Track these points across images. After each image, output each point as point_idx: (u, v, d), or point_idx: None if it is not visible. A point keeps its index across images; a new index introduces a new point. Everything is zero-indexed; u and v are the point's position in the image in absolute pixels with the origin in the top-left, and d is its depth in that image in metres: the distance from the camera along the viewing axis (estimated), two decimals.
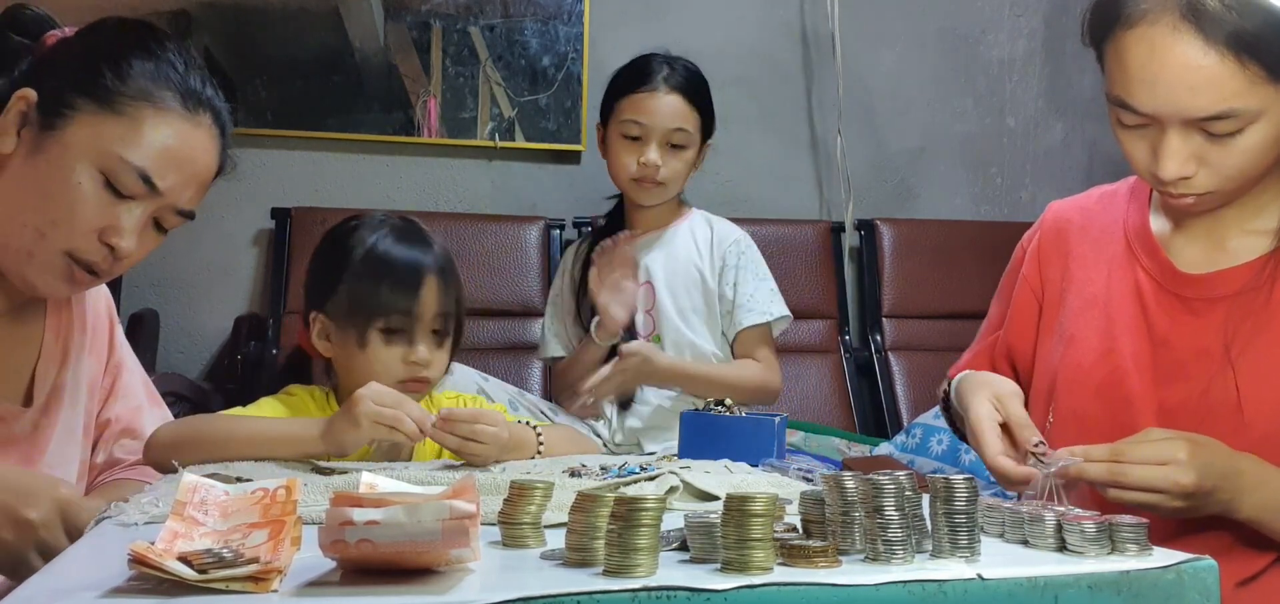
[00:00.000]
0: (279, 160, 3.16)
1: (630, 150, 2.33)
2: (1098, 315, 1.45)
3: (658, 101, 2.33)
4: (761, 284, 2.39)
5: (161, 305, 3.06)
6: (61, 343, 1.45)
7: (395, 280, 1.62)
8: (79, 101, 1.30)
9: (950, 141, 3.55)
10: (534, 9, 3.24)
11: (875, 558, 0.88)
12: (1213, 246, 1.39)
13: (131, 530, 1.02)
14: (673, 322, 2.36)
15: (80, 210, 1.30)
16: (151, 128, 1.32)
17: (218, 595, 0.78)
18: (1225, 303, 1.35)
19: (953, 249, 3.31)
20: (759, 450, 1.54)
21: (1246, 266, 1.36)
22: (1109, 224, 1.50)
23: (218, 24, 3.08)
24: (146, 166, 1.31)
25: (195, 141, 1.36)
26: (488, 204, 3.24)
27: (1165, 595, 0.87)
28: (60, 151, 1.30)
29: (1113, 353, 1.41)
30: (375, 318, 1.61)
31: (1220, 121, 1.24)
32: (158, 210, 1.35)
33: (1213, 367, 1.34)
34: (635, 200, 2.39)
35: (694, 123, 2.36)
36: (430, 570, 0.83)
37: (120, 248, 1.32)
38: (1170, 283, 1.40)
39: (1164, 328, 1.39)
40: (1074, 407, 1.44)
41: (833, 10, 3.39)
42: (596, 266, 2.26)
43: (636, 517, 0.83)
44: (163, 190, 1.33)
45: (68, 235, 1.31)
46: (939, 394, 1.61)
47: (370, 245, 1.64)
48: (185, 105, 1.34)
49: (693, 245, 2.41)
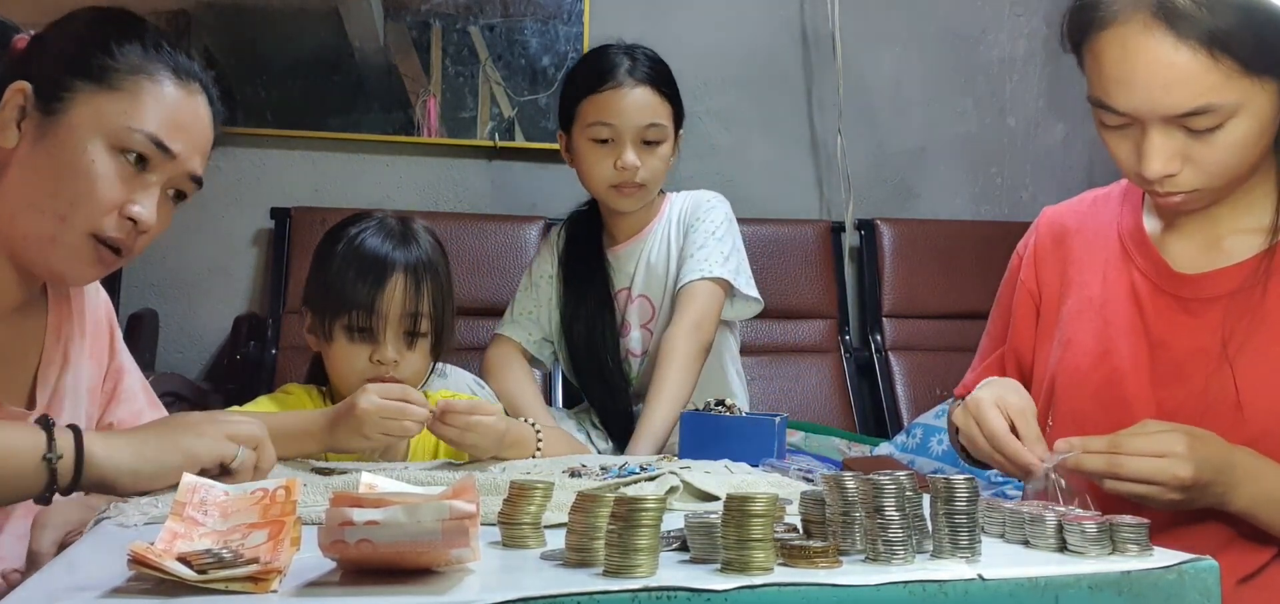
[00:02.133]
0: (279, 160, 3.16)
1: (603, 155, 2.11)
2: (1094, 318, 1.45)
3: (625, 98, 2.10)
4: (711, 240, 2.13)
5: (161, 305, 3.05)
6: (62, 346, 1.45)
7: (357, 279, 1.60)
8: (76, 83, 1.31)
9: (950, 141, 3.55)
10: (534, 9, 3.24)
11: (875, 558, 0.88)
12: (1207, 246, 1.39)
13: (131, 531, 1.02)
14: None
15: (99, 187, 1.30)
16: (151, 97, 1.33)
17: (217, 596, 0.78)
18: (1221, 302, 1.36)
19: (953, 249, 3.31)
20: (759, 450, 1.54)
21: (1241, 266, 1.36)
22: (1102, 226, 1.50)
23: (218, 24, 3.07)
24: (157, 131, 1.32)
25: (194, 107, 1.38)
26: (488, 204, 3.24)
27: (1166, 595, 0.87)
28: (67, 133, 1.30)
29: (1110, 355, 1.42)
30: (339, 314, 1.61)
31: (1198, 117, 1.25)
32: (171, 178, 1.36)
33: (1210, 366, 1.34)
34: (616, 208, 2.18)
35: (666, 114, 2.14)
36: (430, 570, 0.83)
37: (143, 219, 1.33)
38: (1166, 283, 1.40)
39: (1160, 329, 1.39)
40: (1072, 409, 1.44)
41: (833, 10, 3.38)
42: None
43: (636, 517, 0.83)
44: (175, 153, 1.34)
45: (89, 215, 1.30)
46: (948, 424, 1.60)
47: (345, 242, 1.64)
48: (177, 76, 1.36)
49: (668, 242, 2.21)
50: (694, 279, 2.09)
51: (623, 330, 2.20)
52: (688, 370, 2.01)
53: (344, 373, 1.62)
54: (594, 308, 2.20)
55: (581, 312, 2.21)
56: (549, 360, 2.31)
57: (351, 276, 1.61)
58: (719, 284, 2.10)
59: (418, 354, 1.65)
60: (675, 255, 2.18)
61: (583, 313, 2.20)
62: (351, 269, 1.61)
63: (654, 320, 2.20)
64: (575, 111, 2.14)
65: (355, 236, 1.64)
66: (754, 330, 3.02)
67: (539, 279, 2.28)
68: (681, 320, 2.05)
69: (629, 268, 2.22)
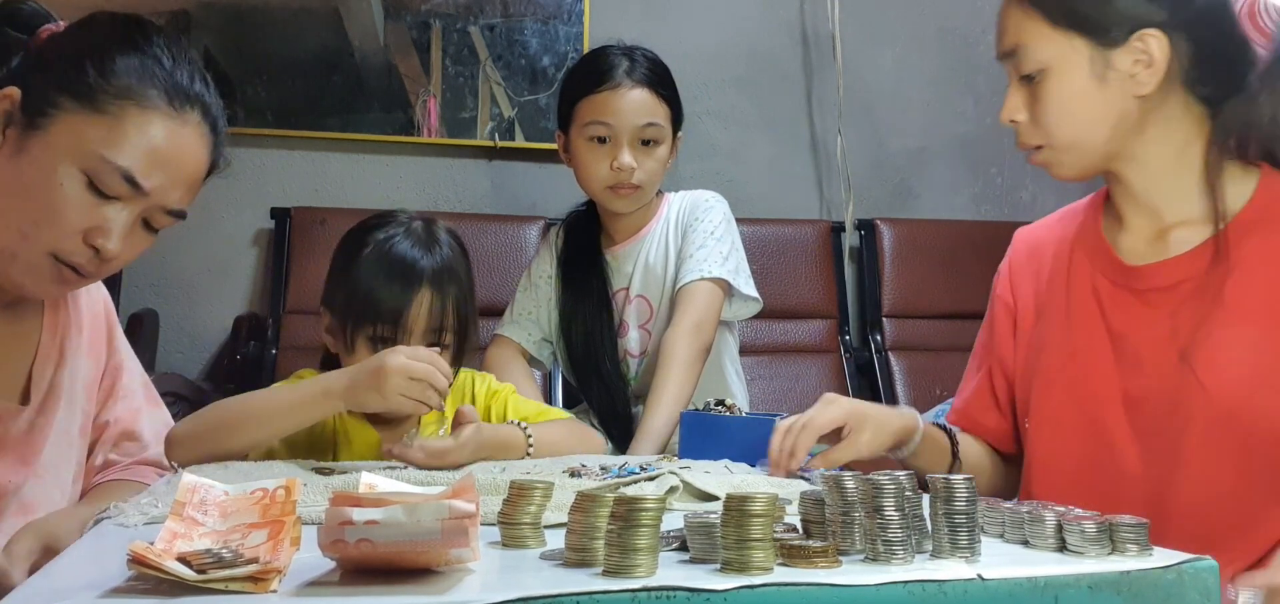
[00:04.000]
0: (279, 160, 3.16)
1: (600, 155, 2.10)
2: (1062, 321, 1.51)
3: (622, 99, 2.09)
4: (710, 240, 2.13)
5: (161, 305, 3.06)
6: (58, 342, 1.45)
7: (384, 290, 1.58)
8: (62, 100, 1.28)
9: (950, 141, 3.55)
10: (534, 9, 3.24)
11: (875, 558, 0.88)
12: (1155, 238, 1.45)
13: (131, 531, 1.02)
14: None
15: (63, 211, 1.27)
16: (135, 127, 1.29)
17: (217, 595, 0.77)
18: (1172, 291, 1.41)
19: (953, 249, 3.31)
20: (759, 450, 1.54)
21: (1187, 256, 1.41)
22: (1068, 235, 1.56)
23: (218, 24, 3.08)
24: (130, 167, 1.28)
25: (182, 140, 1.33)
26: (487, 204, 3.24)
27: (1165, 595, 0.87)
28: (43, 151, 1.28)
29: (1076, 353, 1.48)
30: (362, 324, 1.58)
31: (1018, 60, 1.43)
32: (145, 210, 1.32)
33: (1170, 355, 1.39)
34: (612, 208, 2.17)
35: (664, 115, 2.12)
36: (430, 570, 0.83)
37: (106, 249, 1.29)
38: (1120, 277, 1.46)
39: (1119, 322, 1.45)
40: (1047, 410, 1.50)
41: (833, 10, 3.39)
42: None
43: (636, 517, 0.83)
44: (148, 190, 1.30)
45: (51, 236, 1.28)
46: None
47: (372, 248, 1.62)
48: (171, 103, 1.31)
49: (666, 243, 2.20)
50: (693, 279, 2.08)
51: (620, 330, 2.20)
52: (689, 371, 2.00)
53: None
54: (592, 308, 2.20)
55: (579, 312, 2.20)
56: (548, 361, 2.31)
57: (377, 287, 1.58)
58: (718, 284, 2.09)
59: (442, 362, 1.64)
60: (674, 256, 2.18)
61: (581, 313, 2.20)
62: (378, 278, 1.59)
63: (652, 320, 2.19)
64: (573, 112, 2.14)
65: (382, 243, 1.61)
66: (754, 330, 3.02)
67: (538, 279, 2.27)
68: (681, 321, 2.05)
69: (627, 268, 2.21)
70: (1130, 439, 1.41)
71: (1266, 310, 1.35)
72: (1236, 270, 1.37)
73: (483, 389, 1.77)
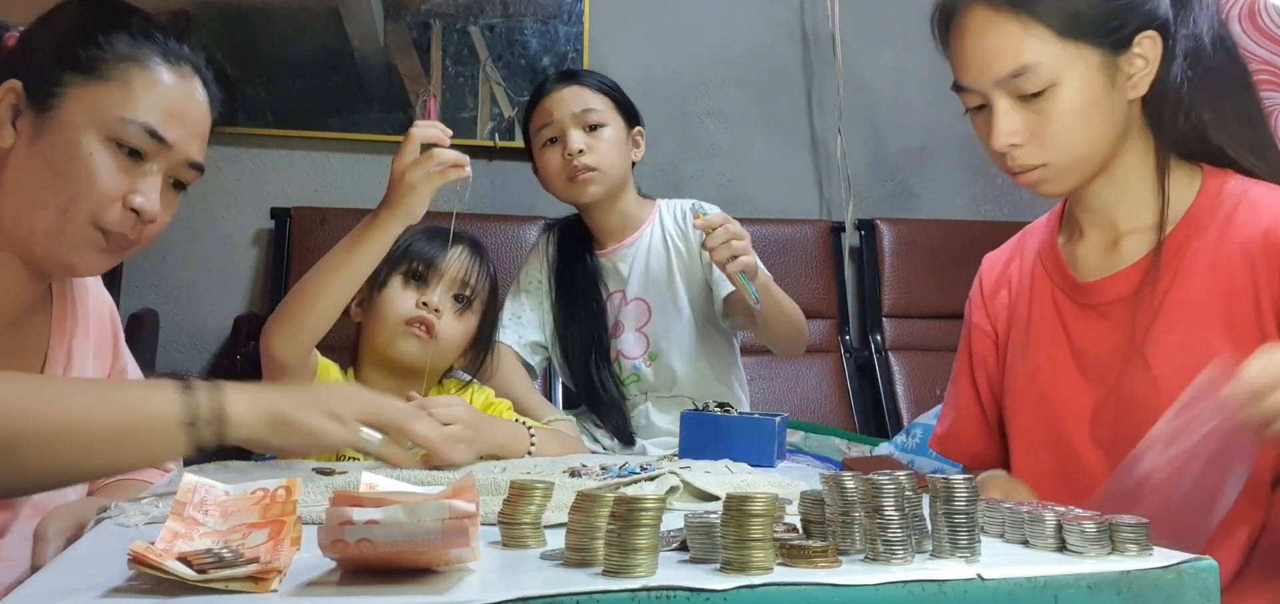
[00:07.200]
0: (279, 160, 3.16)
1: (553, 153, 2.20)
2: (1025, 341, 1.51)
3: (556, 96, 2.21)
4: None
5: (161, 305, 3.06)
6: (66, 346, 1.45)
7: (425, 239, 1.76)
8: (66, 77, 1.30)
9: (950, 141, 3.55)
10: (534, 9, 3.24)
11: (875, 558, 0.88)
12: (1107, 249, 1.45)
13: (131, 530, 1.02)
14: (670, 332, 2.20)
15: (96, 178, 1.29)
16: (143, 86, 1.32)
17: (217, 595, 0.78)
18: (1126, 303, 1.40)
19: (953, 249, 3.30)
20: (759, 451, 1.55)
21: (1136, 266, 1.41)
22: (1029, 255, 1.56)
23: (218, 24, 3.08)
24: (150, 121, 1.31)
25: (189, 92, 1.37)
26: (488, 204, 3.24)
27: (1165, 595, 0.87)
28: (61, 130, 1.29)
29: (1040, 371, 1.48)
30: (399, 263, 1.73)
31: (1022, 79, 1.35)
32: (171, 167, 1.35)
33: (1127, 363, 1.38)
34: (579, 200, 2.22)
35: (601, 103, 2.21)
36: (430, 570, 0.83)
37: (146, 209, 1.32)
38: (1075, 293, 1.47)
39: (1079, 337, 1.45)
40: (1020, 428, 1.51)
41: (833, 10, 3.39)
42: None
43: (636, 517, 0.83)
44: (170, 143, 1.33)
45: (90, 206, 1.30)
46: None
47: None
48: (168, 60, 1.35)
49: (664, 242, 2.23)
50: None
51: (615, 331, 2.22)
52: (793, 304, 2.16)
53: (386, 314, 1.73)
54: (586, 311, 2.23)
55: (574, 314, 2.23)
56: (540, 365, 2.33)
57: (415, 239, 1.75)
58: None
59: (461, 324, 1.74)
60: (677, 259, 2.20)
61: (576, 316, 2.23)
62: (418, 235, 1.75)
63: (650, 324, 2.20)
64: (528, 137, 2.27)
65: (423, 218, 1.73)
66: None
67: (528, 285, 2.31)
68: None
69: (623, 271, 2.23)
70: (1096, 451, 1.40)
71: (1207, 310, 1.35)
72: (1182, 273, 1.37)
73: (481, 401, 1.79)
